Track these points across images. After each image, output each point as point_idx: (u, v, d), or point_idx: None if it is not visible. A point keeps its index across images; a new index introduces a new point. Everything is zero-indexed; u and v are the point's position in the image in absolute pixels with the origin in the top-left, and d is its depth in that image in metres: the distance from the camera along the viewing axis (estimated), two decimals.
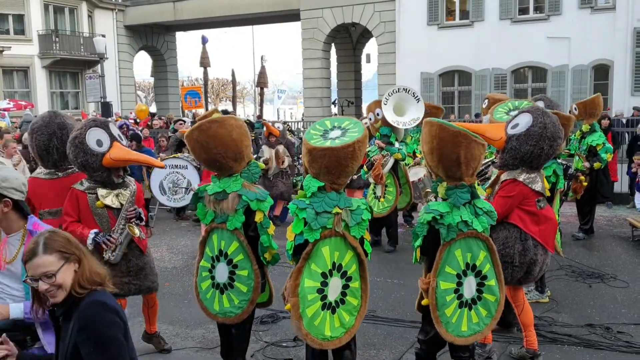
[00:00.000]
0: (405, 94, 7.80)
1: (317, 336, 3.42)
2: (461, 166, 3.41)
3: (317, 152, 3.35)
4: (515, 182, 4.09)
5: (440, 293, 3.49)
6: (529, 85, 20.63)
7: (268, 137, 9.37)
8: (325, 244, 3.41)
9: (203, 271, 4.01)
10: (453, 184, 3.48)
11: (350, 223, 3.41)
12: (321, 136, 3.47)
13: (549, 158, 4.18)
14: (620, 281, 6.30)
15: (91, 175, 4.13)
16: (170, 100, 31.12)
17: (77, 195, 4.14)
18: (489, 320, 3.63)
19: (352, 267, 3.50)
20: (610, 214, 9.93)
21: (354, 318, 3.54)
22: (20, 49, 24.26)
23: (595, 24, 18.50)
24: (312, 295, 3.40)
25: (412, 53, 21.26)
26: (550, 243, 4.26)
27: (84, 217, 4.15)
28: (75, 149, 4.06)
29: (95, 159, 4.05)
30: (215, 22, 29.28)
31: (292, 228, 3.43)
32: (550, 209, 4.32)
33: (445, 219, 3.44)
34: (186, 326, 5.32)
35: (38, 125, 4.46)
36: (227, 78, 47.47)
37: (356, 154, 3.36)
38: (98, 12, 27.90)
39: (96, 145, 4.07)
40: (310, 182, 3.41)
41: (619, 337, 4.83)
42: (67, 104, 26.79)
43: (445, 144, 3.38)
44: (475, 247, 3.53)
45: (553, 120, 4.08)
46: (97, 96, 21.07)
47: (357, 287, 3.54)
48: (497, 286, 3.63)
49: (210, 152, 3.81)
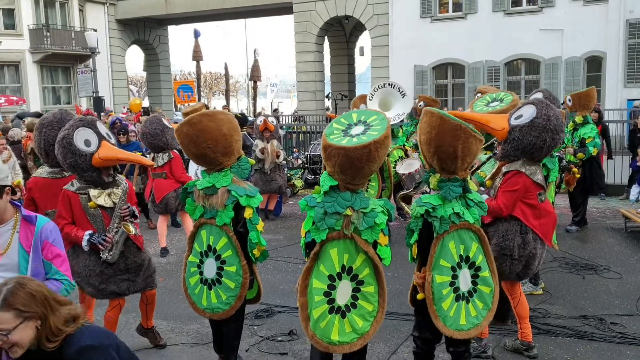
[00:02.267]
0: (391, 89, 7.77)
1: (323, 339, 3.28)
2: (457, 160, 3.36)
3: (331, 150, 3.14)
4: (519, 174, 4.07)
5: (436, 287, 3.44)
6: (522, 77, 20.66)
7: (263, 132, 9.36)
8: (334, 246, 3.26)
9: (191, 266, 3.99)
10: (446, 176, 3.45)
11: (360, 226, 3.20)
12: (343, 131, 3.25)
13: (550, 151, 4.15)
14: (613, 272, 6.33)
15: (81, 176, 4.06)
16: (163, 94, 31.01)
17: (69, 196, 4.07)
18: (486, 313, 3.60)
19: (364, 270, 3.30)
20: (603, 206, 9.97)
21: (369, 324, 3.33)
22: (10, 44, 24.06)
23: (588, 16, 18.54)
24: (319, 297, 3.28)
25: (406, 46, 21.25)
26: (549, 237, 4.25)
27: (77, 219, 4.09)
28: (63, 149, 3.99)
29: (84, 159, 3.98)
30: (208, 15, 29.17)
31: (304, 224, 3.33)
32: (549, 203, 4.30)
33: (437, 212, 3.41)
34: (180, 321, 5.31)
35: (49, 120, 4.43)
36: (220, 72, 47.31)
37: (373, 156, 3.10)
38: (89, 6, 27.71)
39: (84, 145, 3.99)
40: (325, 180, 3.26)
41: (612, 328, 4.85)
42: (59, 99, 26.64)
43: (444, 137, 3.32)
44: (467, 238, 3.51)
45: (556, 113, 4.07)
46: (89, 91, 20.94)
47: (371, 291, 3.33)
48: (491, 277, 3.61)
49: (199, 146, 3.77)
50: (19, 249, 2.87)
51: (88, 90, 21.10)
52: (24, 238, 2.90)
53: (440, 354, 4.05)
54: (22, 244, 2.88)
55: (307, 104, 23.91)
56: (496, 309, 4.37)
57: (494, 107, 5.19)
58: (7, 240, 2.90)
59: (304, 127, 15.90)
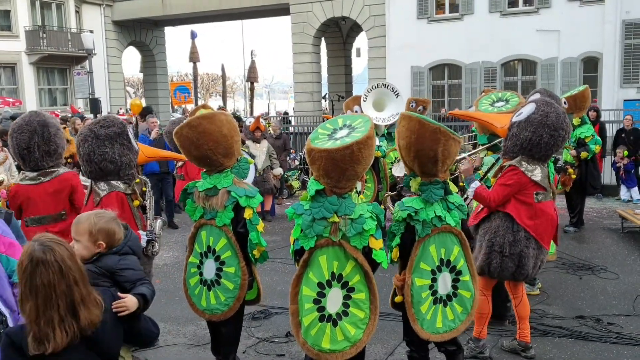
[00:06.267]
0: (385, 89, 7.76)
1: (314, 347, 3.25)
2: (437, 163, 3.37)
3: (314, 154, 3.12)
4: (515, 170, 4.07)
5: (415, 290, 3.44)
6: (519, 78, 20.68)
7: (254, 132, 9.34)
8: (323, 253, 3.22)
9: (191, 267, 3.99)
10: (427, 179, 3.45)
11: (348, 233, 3.15)
12: (327, 136, 3.23)
13: (551, 149, 4.08)
14: (610, 273, 6.34)
15: (125, 174, 4.08)
16: (160, 95, 30.93)
17: (122, 198, 4.06)
18: (465, 317, 3.59)
19: (354, 277, 3.25)
20: (600, 206, 9.99)
21: (361, 331, 3.27)
22: (7, 45, 24.02)
23: (585, 17, 18.56)
24: (309, 304, 3.24)
25: (402, 47, 21.25)
26: (546, 239, 4.16)
27: (126, 219, 4.00)
28: (121, 147, 4.03)
29: (135, 156, 4.11)
30: (205, 16, 29.11)
31: (292, 232, 3.31)
32: (550, 204, 4.20)
33: (419, 215, 3.40)
34: (177, 323, 5.30)
35: (18, 124, 4.39)
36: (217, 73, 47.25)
37: (356, 156, 3.06)
38: (85, 8, 27.64)
39: (135, 144, 4.15)
40: (311, 185, 3.24)
41: (610, 328, 4.86)
42: (55, 100, 26.57)
43: (424, 141, 3.32)
44: (449, 242, 3.50)
45: (558, 112, 4.06)
46: (85, 92, 20.89)
47: (362, 298, 3.28)
48: (471, 281, 3.60)
49: (200, 148, 3.77)
50: None
51: (84, 92, 21.05)
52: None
53: (438, 355, 4.04)
54: None
55: (304, 105, 23.89)
56: (493, 310, 4.39)
57: (499, 108, 5.22)
58: None
59: (292, 129, 15.91)
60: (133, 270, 2.77)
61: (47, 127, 4.33)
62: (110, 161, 3.99)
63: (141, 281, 2.72)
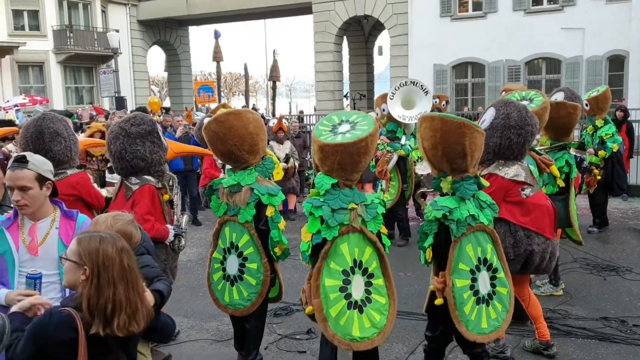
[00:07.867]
0: (414, 87, 7.71)
1: (345, 337, 3.24)
2: (466, 157, 3.38)
3: (329, 149, 3.25)
4: (493, 176, 4.05)
5: (457, 291, 3.41)
6: (543, 76, 20.45)
7: (277, 133, 9.34)
8: (344, 241, 3.29)
9: (215, 263, 4.06)
10: (458, 176, 3.45)
11: (366, 218, 3.32)
12: (330, 131, 3.38)
13: (523, 146, 4.09)
14: (635, 274, 6.26)
15: (155, 170, 4.17)
16: (184, 94, 31.29)
17: (154, 192, 4.11)
18: (505, 314, 3.58)
19: (372, 263, 3.36)
20: (625, 206, 9.85)
21: (385, 317, 3.36)
22: (35, 45, 24.48)
23: (610, 14, 18.27)
24: (335, 294, 3.26)
25: (425, 45, 21.15)
26: (547, 230, 4.13)
27: (156, 212, 4.12)
28: (152, 144, 4.11)
29: (165, 153, 4.19)
30: (228, 16, 29.34)
31: (307, 228, 3.32)
32: (541, 196, 4.20)
33: (454, 214, 3.40)
34: (201, 319, 5.38)
35: (22, 129, 4.36)
36: (239, 72, 47.48)
37: (369, 149, 3.28)
38: (111, 7, 28.08)
39: (164, 141, 4.24)
40: (323, 180, 3.31)
41: (635, 330, 4.80)
42: (81, 99, 27.01)
43: (450, 136, 3.35)
44: (483, 240, 3.50)
45: (518, 108, 4.08)
46: (111, 91, 21.23)
47: (381, 284, 3.38)
48: (506, 278, 3.60)
49: (226, 143, 3.86)
50: (58, 244, 2.89)
51: (110, 91, 21.39)
52: (64, 234, 2.93)
53: (459, 354, 4.05)
54: (62, 240, 2.90)
55: (326, 104, 23.91)
56: (514, 311, 4.37)
57: None
58: (45, 234, 2.91)
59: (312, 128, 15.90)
60: (149, 267, 2.82)
61: (42, 136, 4.03)
62: (141, 158, 4.06)
63: (158, 278, 2.76)
